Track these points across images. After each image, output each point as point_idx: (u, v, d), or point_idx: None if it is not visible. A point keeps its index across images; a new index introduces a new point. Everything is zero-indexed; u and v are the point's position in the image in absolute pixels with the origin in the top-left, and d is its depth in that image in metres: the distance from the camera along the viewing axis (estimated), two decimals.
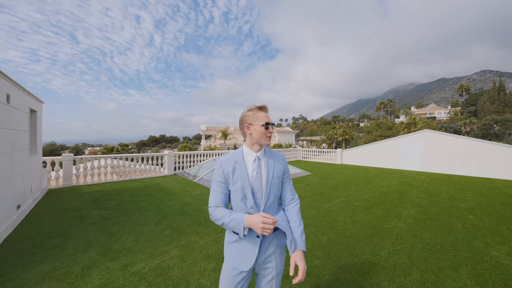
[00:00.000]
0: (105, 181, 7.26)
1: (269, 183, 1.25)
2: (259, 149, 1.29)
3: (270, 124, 1.26)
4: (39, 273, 2.39)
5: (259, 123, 1.24)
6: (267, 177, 1.26)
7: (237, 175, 1.24)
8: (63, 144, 65.66)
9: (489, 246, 3.05)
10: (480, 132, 40.19)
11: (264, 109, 1.28)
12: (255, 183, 1.24)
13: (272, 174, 1.28)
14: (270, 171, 1.28)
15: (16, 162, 3.89)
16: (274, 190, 1.27)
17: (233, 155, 1.30)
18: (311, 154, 15.31)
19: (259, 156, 1.28)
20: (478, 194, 5.99)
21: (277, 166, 1.31)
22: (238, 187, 1.23)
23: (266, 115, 1.27)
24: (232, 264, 1.24)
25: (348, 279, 2.33)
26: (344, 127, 44.28)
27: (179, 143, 67.83)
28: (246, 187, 1.21)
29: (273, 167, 1.29)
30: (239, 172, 1.24)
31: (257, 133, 1.25)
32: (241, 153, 1.30)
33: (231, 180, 1.25)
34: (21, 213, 3.99)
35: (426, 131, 10.80)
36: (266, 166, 1.28)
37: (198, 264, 2.58)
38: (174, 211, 4.47)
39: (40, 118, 5.59)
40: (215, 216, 1.21)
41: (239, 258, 1.22)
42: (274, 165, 1.30)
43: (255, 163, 1.27)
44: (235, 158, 1.28)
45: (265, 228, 1.08)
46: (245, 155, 1.29)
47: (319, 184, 7.24)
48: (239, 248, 1.23)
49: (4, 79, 3.48)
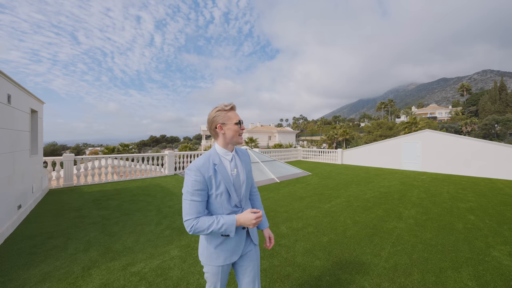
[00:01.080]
0: (106, 181, 7.27)
1: (247, 179, 1.33)
2: (233, 148, 1.33)
3: (241, 121, 1.31)
4: (40, 273, 2.40)
5: (232, 121, 1.25)
6: (246, 174, 1.33)
7: (220, 178, 1.21)
8: (64, 144, 65.85)
9: (490, 247, 3.04)
10: (481, 132, 40.07)
11: (234, 108, 1.31)
12: (235, 181, 1.28)
13: (248, 169, 1.37)
14: (246, 168, 1.36)
15: (17, 162, 3.90)
16: (249, 184, 1.36)
17: (208, 159, 1.23)
18: (312, 154, 15.29)
19: (234, 154, 1.32)
20: (479, 194, 5.97)
21: (247, 161, 1.40)
22: (223, 190, 1.21)
23: (236, 114, 1.30)
24: (223, 261, 1.25)
25: (349, 279, 2.32)
26: (344, 127, 44.24)
27: (180, 143, 67.91)
28: (230, 188, 1.24)
29: (246, 162, 1.38)
30: (222, 174, 1.21)
31: (230, 132, 1.25)
32: (217, 154, 1.26)
33: (213, 185, 1.20)
34: (22, 213, 4.00)
35: (427, 131, 10.77)
36: (241, 163, 1.34)
37: (198, 265, 2.58)
38: (175, 211, 4.47)
39: (41, 118, 5.60)
40: (200, 228, 1.12)
41: (229, 251, 1.26)
42: (246, 161, 1.39)
43: (232, 163, 1.29)
44: (212, 161, 1.22)
45: (256, 223, 1.17)
46: (221, 156, 1.27)
47: (319, 184, 7.24)
48: (226, 245, 1.25)
49: (5, 80, 3.49)
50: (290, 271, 2.47)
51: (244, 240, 1.31)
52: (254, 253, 1.37)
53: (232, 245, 1.27)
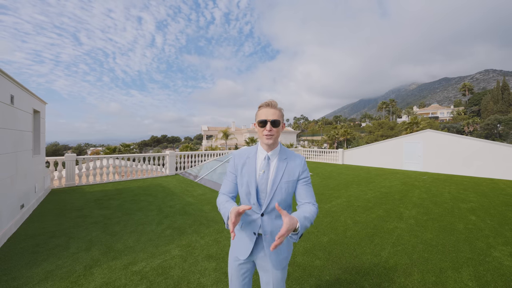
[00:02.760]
0: (107, 181, 7.31)
1: (275, 186, 1.19)
2: (269, 148, 1.24)
3: (266, 121, 1.17)
4: (43, 271, 2.43)
5: (257, 121, 1.22)
6: (273, 180, 1.20)
7: (245, 170, 1.25)
8: (66, 144, 66.21)
9: (491, 247, 3.03)
10: (483, 132, 39.82)
11: (264, 106, 1.21)
12: (261, 182, 1.21)
13: (281, 177, 1.20)
14: (279, 174, 1.21)
15: (19, 162, 3.93)
16: (280, 194, 1.19)
17: (248, 150, 1.32)
18: (312, 154, 15.28)
19: (270, 155, 1.24)
20: (480, 194, 5.95)
21: (289, 170, 1.22)
22: (244, 182, 1.24)
23: (264, 112, 1.19)
24: (234, 252, 1.32)
25: (349, 280, 2.33)
26: (345, 127, 44.14)
27: (181, 143, 68.05)
28: (252, 184, 1.21)
29: (284, 171, 1.21)
30: (248, 167, 1.25)
31: (258, 131, 1.25)
32: (255, 149, 1.31)
33: (239, 173, 1.28)
34: (24, 212, 4.03)
35: (428, 131, 10.73)
36: (276, 168, 1.22)
37: (199, 264, 2.59)
38: (176, 211, 4.49)
39: (43, 118, 5.65)
40: (217, 202, 1.26)
41: (239, 246, 1.30)
42: (285, 169, 1.22)
43: (264, 162, 1.24)
44: (248, 153, 1.30)
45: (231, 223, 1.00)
46: (258, 152, 1.29)
47: (320, 184, 7.23)
48: (240, 238, 1.30)
49: (8, 80, 3.52)
50: (290, 270, 2.48)
51: (252, 246, 1.24)
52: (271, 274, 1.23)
53: (241, 242, 1.29)
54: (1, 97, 3.26)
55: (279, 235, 0.92)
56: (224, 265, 2.57)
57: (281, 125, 1.23)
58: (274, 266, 1.23)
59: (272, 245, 0.93)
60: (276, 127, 1.20)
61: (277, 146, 1.28)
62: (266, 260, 1.24)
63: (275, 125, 1.19)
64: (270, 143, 1.21)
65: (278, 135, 1.23)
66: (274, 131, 1.19)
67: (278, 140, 1.28)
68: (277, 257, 1.23)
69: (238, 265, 1.30)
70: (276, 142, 1.25)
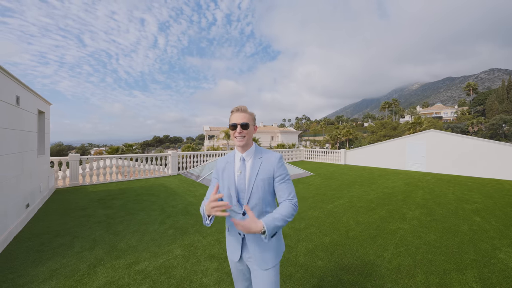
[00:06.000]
0: (111, 181, 7.37)
1: (252, 184, 1.26)
2: (242, 149, 1.33)
3: (236, 124, 1.27)
4: (47, 270, 2.46)
5: (228, 125, 1.32)
6: (249, 178, 1.28)
7: (225, 174, 1.34)
8: (70, 144, 66.92)
9: (496, 249, 2.99)
10: (488, 132, 39.31)
11: (234, 111, 1.32)
12: (239, 182, 1.29)
13: (256, 175, 1.27)
14: (254, 172, 1.28)
15: (25, 162, 3.99)
16: (257, 191, 1.25)
17: (228, 156, 1.41)
18: (314, 155, 15.23)
19: (244, 156, 1.33)
20: (485, 195, 5.87)
21: (264, 168, 1.28)
22: (225, 185, 1.33)
23: (235, 117, 1.29)
24: (229, 254, 1.39)
25: (351, 280, 2.32)
26: (347, 127, 43.91)
27: (183, 144, 68.34)
28: (231, 186, 1.30)
29: (259, 169, 1.28)
30: (227, 171, 1.34)
31: (231, 135, 1.34)
32: (233, 154, 1.39)
33: (220, 178, 1.36)
34: (30, 211, 4.09)
35: (431, 131, 10.63)
36: (251, 167, 1.30)
37: (201, 264, 2.61)
38: (178, 210, 4.52)
39: (48, 119, 5.72)
40: (200, 207, 1.31)
41: (229, 249, 1.37)
42: (260, 166, 1.29)
43: (241, 163, 1.33)
44: (228, 158, 1.39)
45: (214, 208, 1.06)
46: (235, 156, 1.37)
47: (322, 184, 7.21)
48: (229, 241, 1.38)
49: (14, 82, 3.58)
50: (292, 271, 2.48)
51: (240, 247, 1.28)
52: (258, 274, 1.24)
53: (230, 244, 1.36)
54: (7, 98, 3.31)
55: (235, 223, 1.04)
56: (226, 265, 2.58)
57: (253, 128, 1.34)
58: (259, 266, 1.24)
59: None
60: (246, 129, 1.29)
61: (251, 147, 1.35)
62: (252, 260, 1.27)
63: (245, 128, 1.28)
64: (242, 145, 1.30)
65: (249, 137, 1.32)
66: (244, 133, 1.28)
67: (252, 141, 1.37)
68: (261, 256, 1.24)
69: (236, 266, 1.37)
70: (248, 143, 1.33)
